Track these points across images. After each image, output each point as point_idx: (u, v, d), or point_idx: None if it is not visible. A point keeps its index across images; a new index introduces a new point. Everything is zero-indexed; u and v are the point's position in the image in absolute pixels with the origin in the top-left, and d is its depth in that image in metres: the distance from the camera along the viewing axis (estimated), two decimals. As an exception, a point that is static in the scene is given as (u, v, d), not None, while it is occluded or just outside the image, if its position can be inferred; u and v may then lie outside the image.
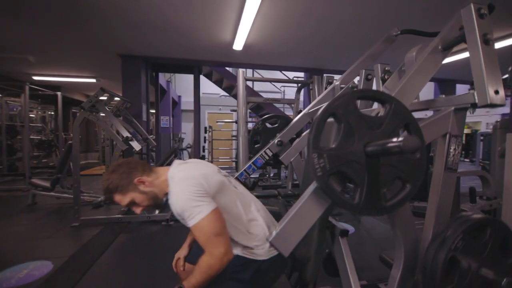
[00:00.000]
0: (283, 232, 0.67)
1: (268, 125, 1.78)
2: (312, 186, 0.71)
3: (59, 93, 5.23)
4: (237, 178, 1.57)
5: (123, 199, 0.97)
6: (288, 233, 0.67)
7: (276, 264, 1.00)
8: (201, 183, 0.90)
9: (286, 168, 3.90)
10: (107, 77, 5.39)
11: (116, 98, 3.77)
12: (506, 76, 1.90)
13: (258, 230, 1.00)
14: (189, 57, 4.24)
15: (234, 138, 4.44)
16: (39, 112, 8.04)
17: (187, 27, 3.05)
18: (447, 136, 0.82)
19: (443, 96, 0.86)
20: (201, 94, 7.18)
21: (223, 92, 9.17)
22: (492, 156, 1.93)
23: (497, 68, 0.74)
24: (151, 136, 3.91)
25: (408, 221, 0.81)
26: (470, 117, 9.07)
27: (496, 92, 0.73)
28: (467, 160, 8.88)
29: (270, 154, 1.52)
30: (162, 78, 6.51)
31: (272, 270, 1.00)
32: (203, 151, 5.31)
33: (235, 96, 5.12)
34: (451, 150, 0.83)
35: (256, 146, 1.91)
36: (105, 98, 3.49)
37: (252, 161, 1.56)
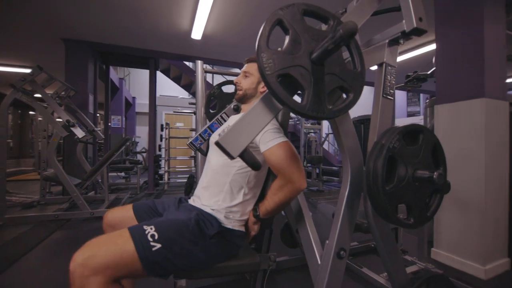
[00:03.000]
0: (232, 134, 0.65)
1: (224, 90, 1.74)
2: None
3: (-16, 84, 4.51)
4: (191, 143, 1.51)
5: (252, 68, 1.14)
6: (237, 136, 0.66)
7: (235, 240, 0.98)
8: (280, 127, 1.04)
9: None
10: (50, 67, 4.82)
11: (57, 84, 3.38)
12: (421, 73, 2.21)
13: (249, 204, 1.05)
14: (144, 47, 4.03)
15: (193, 131, 4.30)
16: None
17: (142, 8, 2.92)
18: (384, 65, 0.90)
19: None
20: (158, 96, 6.87)
21: (182, 95, 8.94)
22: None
23: (420, 0, 0.84)
24: (98, 129, 3.57)
25: (354, 142, 0.86)
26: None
27: (420, 19, 0.83)
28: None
29: (227, 118, 1.49)
30: (114, 74, 6.09)
31: (228, 245, 0.96)
32: (159, 150, 5.01)
33: (194, 94, 5.00)
34: (388, 78, 0.91)
35: (212, 112, 1.86)
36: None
37: (207, 125, 1.51)
